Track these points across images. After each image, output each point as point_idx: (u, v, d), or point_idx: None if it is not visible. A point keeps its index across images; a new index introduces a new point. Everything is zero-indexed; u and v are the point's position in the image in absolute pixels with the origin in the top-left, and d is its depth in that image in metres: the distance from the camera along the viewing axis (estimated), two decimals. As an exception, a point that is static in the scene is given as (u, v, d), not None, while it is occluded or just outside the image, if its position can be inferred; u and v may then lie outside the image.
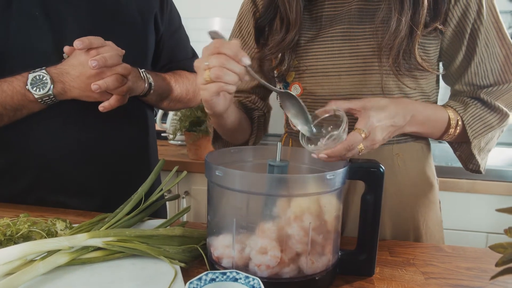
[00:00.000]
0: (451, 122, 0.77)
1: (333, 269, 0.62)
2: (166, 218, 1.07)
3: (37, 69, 0.83)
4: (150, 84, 0.96)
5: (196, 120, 1.57)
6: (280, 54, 0.81)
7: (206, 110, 0.70)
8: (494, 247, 0.48)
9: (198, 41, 1.14)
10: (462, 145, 0.83)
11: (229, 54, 0.61)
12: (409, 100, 0.77)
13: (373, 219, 0.63)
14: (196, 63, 0.65)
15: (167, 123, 1.98)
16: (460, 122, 0.78)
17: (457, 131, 0.78)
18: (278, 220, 0.57)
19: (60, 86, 0.84)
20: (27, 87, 0.82)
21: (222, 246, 0.60)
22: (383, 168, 0.62)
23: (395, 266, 0.69)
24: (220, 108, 0.69)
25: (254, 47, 0.88)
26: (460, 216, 1.54)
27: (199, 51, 1.18)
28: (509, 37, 0.78)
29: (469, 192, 0.99)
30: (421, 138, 0.84)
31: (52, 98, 0.84)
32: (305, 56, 0.81)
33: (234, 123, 0.81)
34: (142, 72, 0.94)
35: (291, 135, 0.91)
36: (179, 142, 1.98)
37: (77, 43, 0.81)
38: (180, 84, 1.09)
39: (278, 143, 0.64)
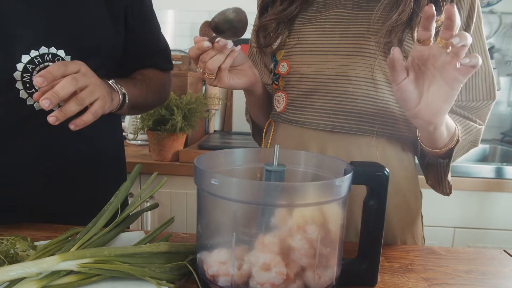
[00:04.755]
0: (455, 135, 0.70)
1: (338, 282, 0.57)
2: (136, 227, 0.97)
3: None
4: (124, 94, 0.82)
5: (160, 119, 1.47)
6: (275, 28, 0.83)
7: None
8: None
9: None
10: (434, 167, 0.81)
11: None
12: None
13: (376, 226, 0.59)
14: None
15: (125, 121, 1.86)
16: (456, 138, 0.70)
17: (452, 146, 0.71)
18: (281, 233, 0.51)
19: None
20: None
21: (217, 262, 0.54)
22: (388, 171, 0.58)
23: (395, 273, 0.66)
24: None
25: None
26: (427, 212, 1.57)
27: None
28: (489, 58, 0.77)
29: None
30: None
31: None
32: (297, 36, 0.82)
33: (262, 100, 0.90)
34: (112, 83, 0.81)
35: (274, 117, 0.88)
36: (139, 142, 1.87)
37: (38, 80, 0.63)
38: (152, 89, 0.96)
39: (276, 146, 0.58)
